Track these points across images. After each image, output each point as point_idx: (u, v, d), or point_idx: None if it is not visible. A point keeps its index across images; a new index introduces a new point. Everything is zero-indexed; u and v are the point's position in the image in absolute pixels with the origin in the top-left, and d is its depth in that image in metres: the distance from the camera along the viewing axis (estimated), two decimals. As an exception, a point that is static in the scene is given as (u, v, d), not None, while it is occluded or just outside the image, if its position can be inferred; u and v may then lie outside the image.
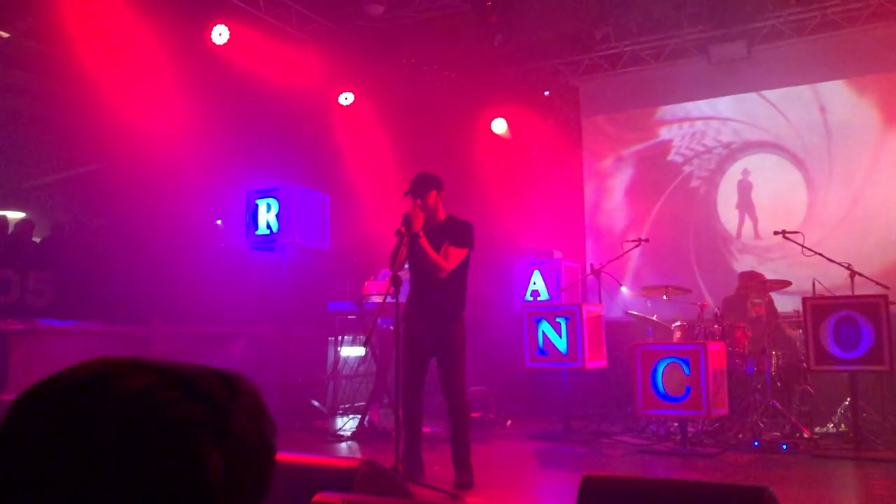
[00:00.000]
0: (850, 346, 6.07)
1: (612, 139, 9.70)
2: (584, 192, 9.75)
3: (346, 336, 8.35)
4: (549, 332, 6.96)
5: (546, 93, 9.99)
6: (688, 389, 6.10)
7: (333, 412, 8.29)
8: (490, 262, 7.88)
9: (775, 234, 7.00)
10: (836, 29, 8.35)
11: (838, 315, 6.13)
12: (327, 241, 8.08)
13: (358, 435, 6.88)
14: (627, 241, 7.63)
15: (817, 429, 6.47)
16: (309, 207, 7.88)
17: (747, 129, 8.93)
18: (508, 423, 7.64)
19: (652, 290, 7.43)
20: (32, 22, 7.22)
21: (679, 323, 7.02)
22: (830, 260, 6.78)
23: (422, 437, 5.01)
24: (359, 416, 7.21)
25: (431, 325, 4.87)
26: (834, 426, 6.53)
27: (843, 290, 6.67)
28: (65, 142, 9.41)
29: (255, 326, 8.14)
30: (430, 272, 4.80)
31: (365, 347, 5.89)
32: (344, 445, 6.68)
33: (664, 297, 7.33)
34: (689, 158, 9.23)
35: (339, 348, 8.43)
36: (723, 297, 7.84)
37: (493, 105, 9.92)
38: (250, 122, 8.22)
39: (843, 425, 6.44)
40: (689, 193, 9.18)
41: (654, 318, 7.42)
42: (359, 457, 5.94)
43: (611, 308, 7.80)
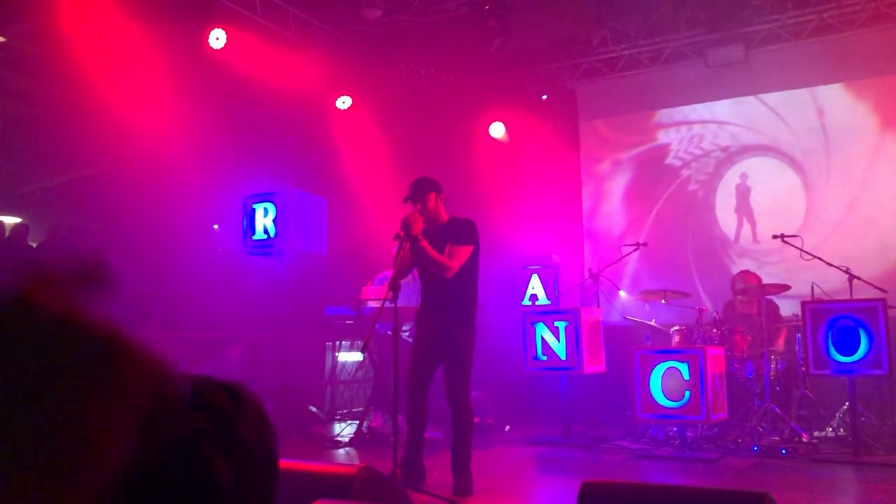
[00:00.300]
0: (848, 350, 6.06)
1: (610, 143, 9.70)
2: (583, 196, 9.74)
3: (344, 341, 8.32)
4: (548, 337, 6.94)
5: (544, 96, 9.99)
6: (687, 394, 6.08)
7: (331, 418, 8.25)
8: (488, 267, 7.85)
9: (774, 237, 7.00)
10: (833, 32, 8.36)
11: (837, 319, 6.12)
12: (325, 245, 8.05)
13: (356, 441, 6.86)
14: (625, 246, 7.62)
15: (816, 433, 6.45)
16: (306, 212, 7.86)
17: (745, 133, 8.93)
18: (507, 428, 7.62)
19: (650, 294, 7.42)
20: (29, 26, 7.20)
21: (678, 327, 7.00)
22: (829, 264, 6.77)
23: (423, 443, 4.97)
24: (357, 422, 7.18)
25: (441, 328, 4.83)
26: (833, 430, 6.52)
27: (842, 293, 6.66)
28: (61, 146, 9.39)
29: (252, 331, 8.11)
30: (436, 274, 4.77)
31: (363, 353, 5.87)
32: (342, 451, 6.65)
33: (663, 302, 7.32)
34: (687, 162, 9.22)
35: (336, 353, 8.40)
36: (722, 301, 7.83)
37: (490, 109, 9.92)
38: (248, 127, 8.20)
39: (842, 429, 6.42)
40: (687, 197, 9.17)
41: (653, 322, 7.41)
42: (357, 463, 5.91)
43: (609, 312, 7.79)
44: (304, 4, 8.53)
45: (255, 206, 7.85)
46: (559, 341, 6.87)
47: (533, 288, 8.50)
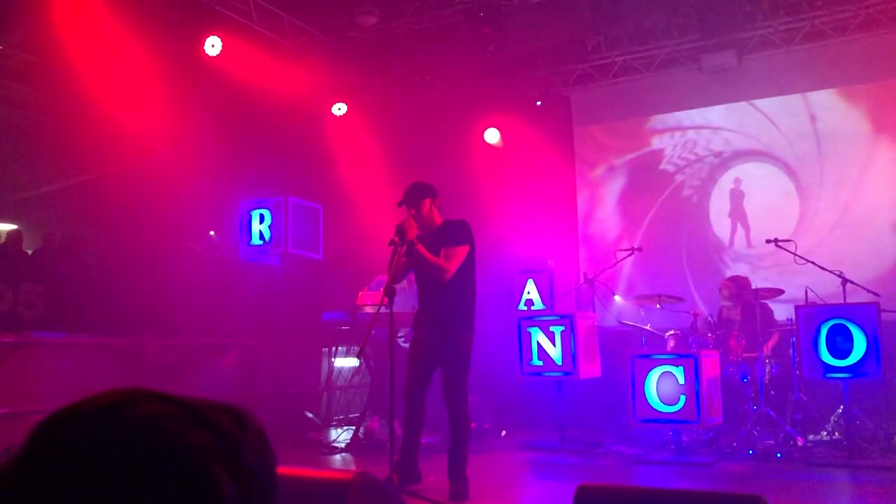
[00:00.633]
0: (842, 353, 6.08)
1: (605, 148, 9.73)
2: (577, 201, 9.77)
3: (340, 347, 8.32)
4: (544, 342, 6.95)
5: (538, 102, 10.02)
6: (682, 398, 6.10)
7: (327, 424, 8.24)
8: (483, 272, 7.85)
9: (767, 242, 7.02)
10: (826, 38, 8.41)
11: (831, 323, 6.15)
12: (320, 251, 8.07)
13: (352, 447, 6.85)
14: (620, 250, 7.64)
15: (811, 437, 6.47)
16: (302, 218, 7.88)
17: (739, 138, 8.97)
18: (503, 433, 7.62)
19: (645, 299, 7.44)
20: (24, 34, 7.21)
21: (673, 332, 7.02)
22: (822, 268, 6.80)
23: (419, 447, 4.97)
24: (353, 428, 7.18)
25: (438, 332, 4.83)
26: (828, 434, 6.53)
27: (836, 297, 6.69)
28: (56, 153, 9.39)
29: (248, 338, 8.10)
30: (433, 277, 4.77)
31: (359, 358, 5.88)
32: (338, 457, 6.65)
33: (657, 306, 7.34)
34: (680, 167, 9.26)
35: (332, 359, 8.40)
36: (716, 305, 7.85)
37: (485, 115, 9.95)
38: (243, 133, 8.21)
39: (836, 433, 6.44)
40: (681, 202, 9.21)
41: (648, 327, 7.43)
42: (353, 469, 5.91)
43: (604, 317, 7.80)
44: (300, 12, 8.55)
45: (251, 212, 7.86)
46: (555, 346, 6.88)
47: (528, 293, 8.51)
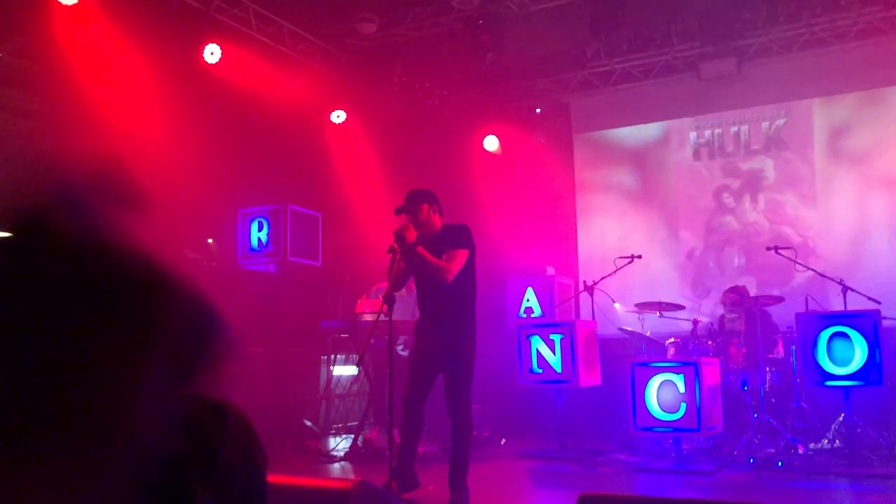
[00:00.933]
0: (843, 361, 6.07)
1: (604, 155, 9.73)
2: (577, 209, 9.76)
3: (339, 355, 8.30)
4: (543, 350, 6.93)
5: (538, 110, 10.03)
6: (682, 406, 6.08)
7: (326, 432, 8.21)
8: (483, 279, 7.83)
9: (767, 249, 7.02)
10: (825, 46, 8.42)
11: (831, 330, 6.13)
12: (319, 259, 8.05)
13: (351, 455, 6.82)
14: (620, 258, 7.62)
15: (812, 445, 6.44)
16: (301, 225, 7.87)
17: (739, 146, 8.97)
18: (503, 441, 7.59)
19: (645, 306, 7.42)
20: (23, 41, 7.20)
21: (673, 339, 7.00)
22: (822, 275, 6.79)
23: (416, 454, 4.94)
24: (352, 436, 7.15)
25: (440, 340, 4.80)
26: (829, 442, 6.50)
27: (836, 305, 6.68)
28: (55, 160, 9.37)
29: (246, 346, 8.08)
30: (435, 279, 4.74)
31: (358, 367, 5.86)
32: (337, 466, 6.62)
33: (658, 315, 7.32)
34: (681, 174, 9.25)
35: (331, 367, 8.38)
36: (716, 313, 7.84)
37: (485, 122, 9.95)
38: (242, 141, 8.20)
39: (837, 441, 6.41)
40: (681, 209, 9.20)
41: (648, 334, 7.41)
42: (352, 478, 5.88)
43: (604, 325, 7.78)
44: (299, 19, 8.56)
45: (249, 219, 7.85)
46: (554, 354, 6.86)
47: (528, 300, 8.50)
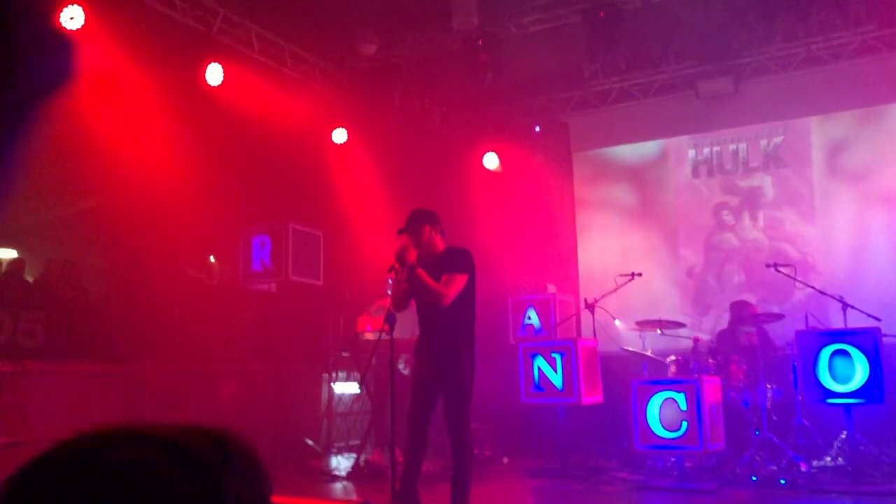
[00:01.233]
0: (844, 379, 6.06)
1: (603, 173, 9.77)
2: (577, 227, 9.79)
3: (340, 373, 8.30)
4: (545, 368, 6.93)
5: (537, 128, 10.08)
6: (684, 424, 6.07)
7: (328, 451, 8.20)
8: (484, 298, 7.84)
9: (767, 266, 7.03)
10: (822, 64, 8.48)
11: (832, 348, 6.13)
12: (321, 277, 8.07)
13: (353, 475, 6.81)
14: (620, 276, 7.64)
15: (815, 462, 6.42)
16: (303, 244, 7.89)
17: (738, 164, 9.01)
18: (505, 460, 7.57)
19: (646, 324, 7.42)
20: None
21: (674, 357, 7.00)
22: (822, 293, 6.80)
23: (419, 475, 4.93)
24: (354, 455, 7.14)
25: (439, 360, 4.81)
26: (831, 459, 6.48)
27: (836, 322, 6.68)
28: (58, 181, 9.43)
29: (248, 364, 8.09)
30: (433, 303, 4.76)
31: (360, 385, 5.86)
32: (339, 486, 6.60)
33: (658, 332, 7.33)
34: (680, 192, 9.29)
35: (332, 385, 8.37)
36: (717, 330, 7.84)
37: (484, 141, 10.01)
38: (244, 161, 8.26)
39: (840, 458, 6.39)
40: (680, 227, 9.23)
41: (649, 352, 7.41)
42: (355, 499, 5.87)
43: (605, 342, 7.79)
44: (300, 41, 8.64)
45: (252, 238, 7.88)
46: (556, 372, 6.86)
47: (529, 318, 8.50)
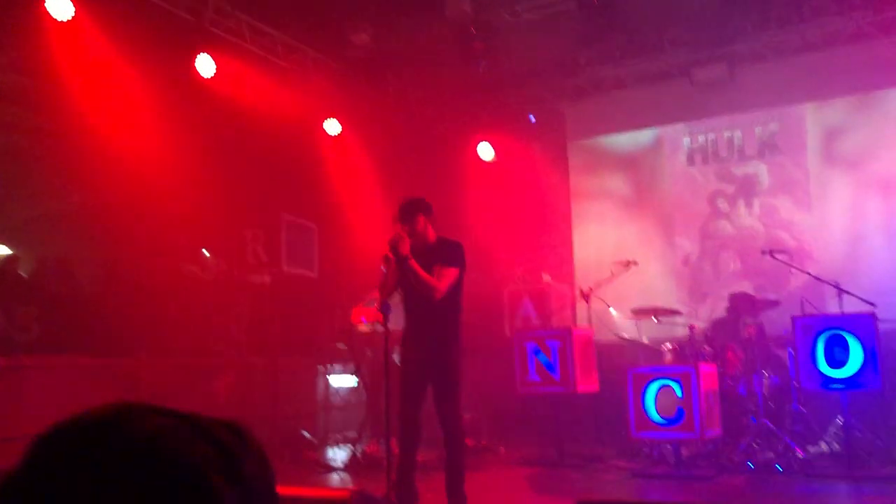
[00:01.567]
0: (840, 364, 6.07)
1: (598, 162, 9.76)
2: (572, 215, 9.78)
3: (336, 365, 8.29)
4: (541, 357, 6.93)
5: (531, 117, 10.05)
6: (680, 411, 6.08)
7: (324, 443, 8.20)
8: (479, 288, 7.87)
9: (763, 253, 7.03)
10: (817, 50, 8.46)
11: (828, 334, 6.14)
12: (315, 269, 8.05)
13: (349, 466, 6.81)
14: (616, 264, 7.64)
15: (811, 448, 6.45)
16: (297, 236, 7.87)
17: (733, 151, 9.00)
18: (501, 449, 7.58)
19: (642, 312, 7.43)
20: (16, 55, 7.21)
21: (670, 345, 7.01)
22: (818, 278, 6.81)
23: (416, 466, 4.95)
24: (350, 446, 7.14)
25: (428, 351, 4.81)
26: (827, 445, 6.51)
27: (832, 308, 6.69)
28: (50, 175, 9.37)
29: (243, 357, 8.07)
30: (424, 295, 4.75)
31: (355, 377, 5.86)
32: (335, 476, 6.61)
33: (654, 320, 7.33)
34: (675, 180, 9.28)
35: (328, 377, 8.37)
36: (713, 318, 7.85)
37: (479, 130, 9.97)
38: (237, 153, 8.21)
39: (836, 444, 6.42)
40: (676, 215, 9.22)
41: (645, 340, 7.42)
42: (350, 487, 5.87)
43: (601, 331, 7.79)
44: (293, 31, 8.58)
45: (245, 230, 7.85)
46: (552, 361, 6.86)
47: (524, 308, 8.50)
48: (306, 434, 7.97)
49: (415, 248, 4.73)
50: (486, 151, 9.95)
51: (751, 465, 6.09)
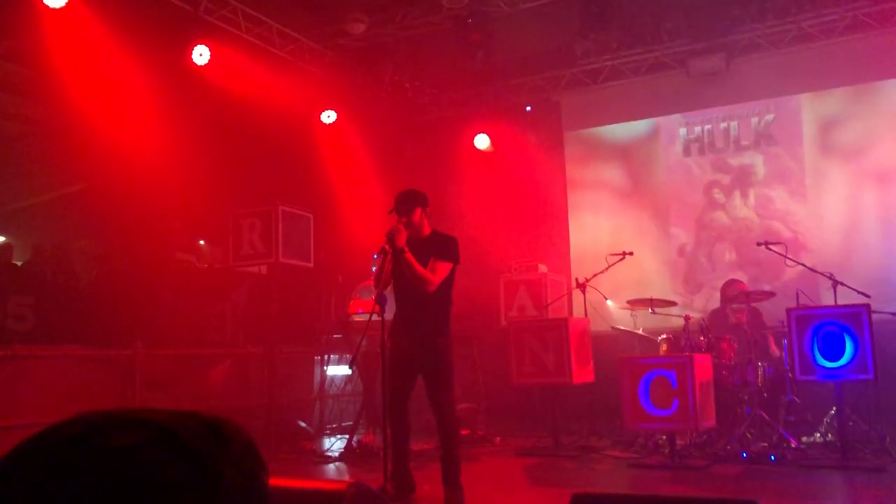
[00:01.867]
0: (834, 355, 6.09)
1: (595, 153, 9.75)
2: (568, 206, 9.78)
3: (333, 355, 8.29)
4: (537, 348, 6.94)
5: (528, 108, 10.04)
6: (675, 402, 6.09)
7: (320, 433, 8.21)
8: (475, 278, 7.87)
9: (758, 245, 7.05)
10: (813, 41, 8.46)
11: (822, 325, 6.16)
12: (311, 259, 8.03)
13: (346, 456, 6.82)
14: (612, 255, 7.64)
15: (805, 439, 6.48)
16: (293, 226, 7.84)
17: (729, 142, 9.01)
18: (497, 439, 7.61)
19: (637, 303, 7.44)
20: (13, 44, 7.18)
21: (665, 336, 7.02)
22: (813, 270, 6.83)
23: (410, 454, 4.97)
24: (346, 437, 7.15)
25: (418, 341, 4.84)
26: (821, 436, 6.54)
27: (827, 299, 6.71)
28: (46, 164, 9.35)
29: (239, 347, 8.07)
30: (417, 287, 4.77)
31: (351, 367, 5.86)
32: (332, 467, 6.62)
33: (650, 311, 7.34)
34: (671, 170, 9.29)
35: (325, 367, 8.37)
36: (708, 309, 7.87)
37: (475, 121, 9.96)
38: (233, 142, 8.19)
39: (830, 435, 6.45)
40: (672, 205, 9.23)
41: (640, 331, 7.43)
42: (347, 479, 5.88)
43: (597, 321, 7.81)
44: (288, 20, 8.55)
45: (241, 220, 7.82)
46: (548, 352, 6.87)
47: (520, 298, 8.51)
48: (303, 424, 7.99)
49: (409, 239, 4.75)
50: (483, 141, 9.93)
51: (745, 455, 6.12)
